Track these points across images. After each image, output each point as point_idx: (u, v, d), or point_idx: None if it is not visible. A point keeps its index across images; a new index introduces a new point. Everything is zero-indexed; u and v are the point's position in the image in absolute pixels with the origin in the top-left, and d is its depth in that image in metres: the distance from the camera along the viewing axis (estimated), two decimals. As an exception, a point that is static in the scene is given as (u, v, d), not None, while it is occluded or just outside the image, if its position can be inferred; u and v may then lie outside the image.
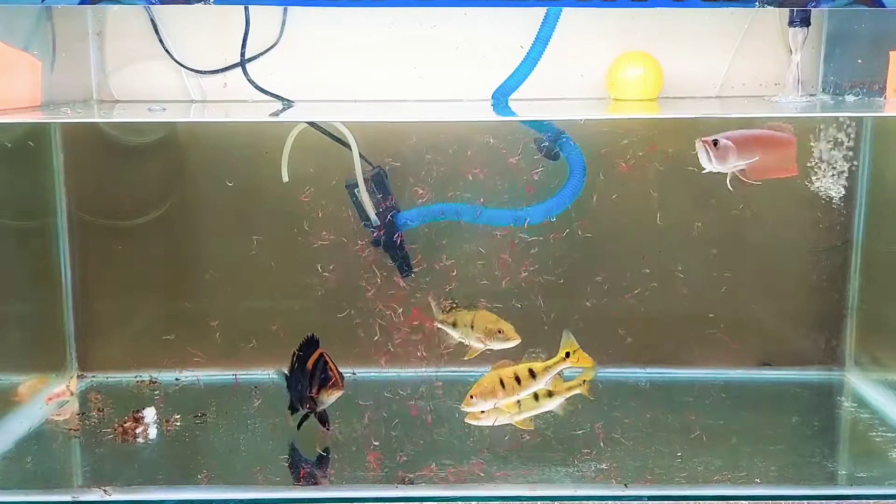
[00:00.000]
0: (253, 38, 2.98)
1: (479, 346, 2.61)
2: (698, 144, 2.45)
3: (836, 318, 3.15)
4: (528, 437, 2.63)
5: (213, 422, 2.81)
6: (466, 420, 2.48)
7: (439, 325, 2.72)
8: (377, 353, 3.05)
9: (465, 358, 2.64)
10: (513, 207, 2.98)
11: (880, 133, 2.99)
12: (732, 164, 2.48)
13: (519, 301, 3.02)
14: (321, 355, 2.57)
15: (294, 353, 2.66)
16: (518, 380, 2.46)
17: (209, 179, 3.07)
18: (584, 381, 2.55)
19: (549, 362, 2.50)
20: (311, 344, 2.63)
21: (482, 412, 2.44)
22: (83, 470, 2.58)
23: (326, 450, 2.61)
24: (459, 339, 2.68)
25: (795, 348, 3.17)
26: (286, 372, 2.68)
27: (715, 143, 2.45)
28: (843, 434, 2.81)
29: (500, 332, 2.57)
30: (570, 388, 2.52)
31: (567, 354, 2.50)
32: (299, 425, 2.61)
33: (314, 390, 2.55)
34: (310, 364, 2.57)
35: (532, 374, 2.48)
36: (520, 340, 2.58)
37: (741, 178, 2.51)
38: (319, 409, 2.58)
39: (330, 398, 2.55)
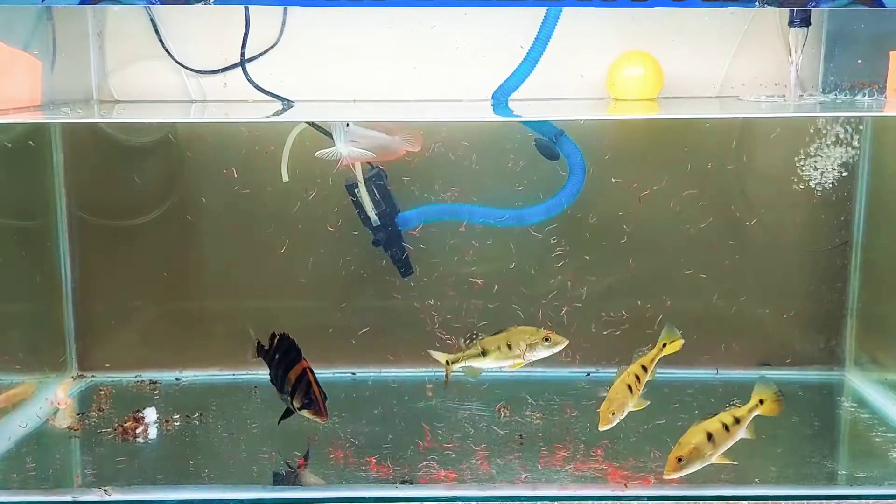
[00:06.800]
0: (253, 38, 2.98)
1: (522, 360, 2.57)
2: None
3: (836, 318, 3.15)
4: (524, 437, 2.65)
5: (213, 422, 2.81)
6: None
7: (464, 365, 2.61)
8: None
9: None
10: (512, 207, 3.00)
11: (880, 133, 2.99)
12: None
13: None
14: (304, 372, 2.48)
15: (274, 335, 2.57)
16: (637, 378, 2.45)
17: (209, 179, 3.07)
18: (761, 400, 2.45)
19: (653, 353, 2.50)
20: (288, 346, 2.54)
21: (679, 461, 2.28)
22: (83, 470, 2.58)
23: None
24: (494, 367, 2.61)
25: (795, 348, 3.17)
26: (262, 344, 2.60)
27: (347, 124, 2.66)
28: (843, 434, 2.81)
29: (546, 339, 2.54)
30: (750, 410, 2.42)
31: (664, 345, 2.52)
32: (280, 420, 2.57)
33: (296, 405, 2.48)
34: (292, 375, 2.48)
35: (644, 369, 2.48)
36: (567, 341, 2.56)
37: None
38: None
39: (311, 417, 2.49)
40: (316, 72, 3.03)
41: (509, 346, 2.56)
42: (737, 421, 2.36)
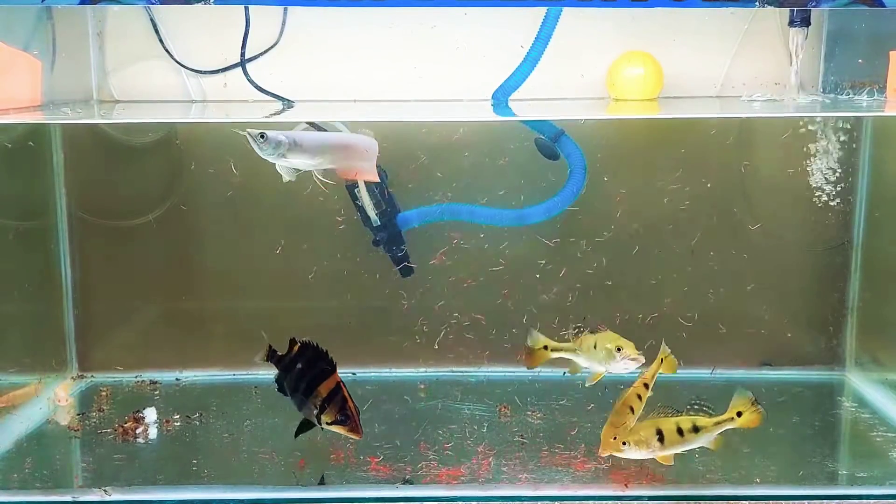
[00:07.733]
0: (253, 38, 2.98)
1: (601, 370, 2.50)
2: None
3: (836, 318, 3.15)
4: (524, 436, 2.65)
5: (213, 422, 2.80)
6: (601, 453, 2.34)
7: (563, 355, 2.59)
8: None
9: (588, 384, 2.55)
10: (512, 207, 3.00)
11: (880, 133, 2.99)
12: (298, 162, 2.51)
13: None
14: (338, 387, 2.40)
15: (294, 341, 2.49)
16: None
17: (209, 179, 3.07)
18: (738, 412, 2.38)
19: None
20: (316, 356, 2.45)
21: (624, 444, 2.27)
22: (83, 470, 2.58)
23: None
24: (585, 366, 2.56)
25: (796, 348, 3.17)
26: (276, 354, 2.51)
27: (262, 135, 2.44)
28: (843, 434, 2.81)
29: (619, 349, 2.45)
30: (718, 424, 2.36)
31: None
32: (297, 434, 2.49)
33: (327, 421, 2.39)
34: (323, 389, 2.39)
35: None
36: (643, 361, 2.47)
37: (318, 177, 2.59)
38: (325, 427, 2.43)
39: (341, 432, 2.41)
40: (316, 72, 3.03)
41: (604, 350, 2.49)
42: (696, 429, 2.34)
